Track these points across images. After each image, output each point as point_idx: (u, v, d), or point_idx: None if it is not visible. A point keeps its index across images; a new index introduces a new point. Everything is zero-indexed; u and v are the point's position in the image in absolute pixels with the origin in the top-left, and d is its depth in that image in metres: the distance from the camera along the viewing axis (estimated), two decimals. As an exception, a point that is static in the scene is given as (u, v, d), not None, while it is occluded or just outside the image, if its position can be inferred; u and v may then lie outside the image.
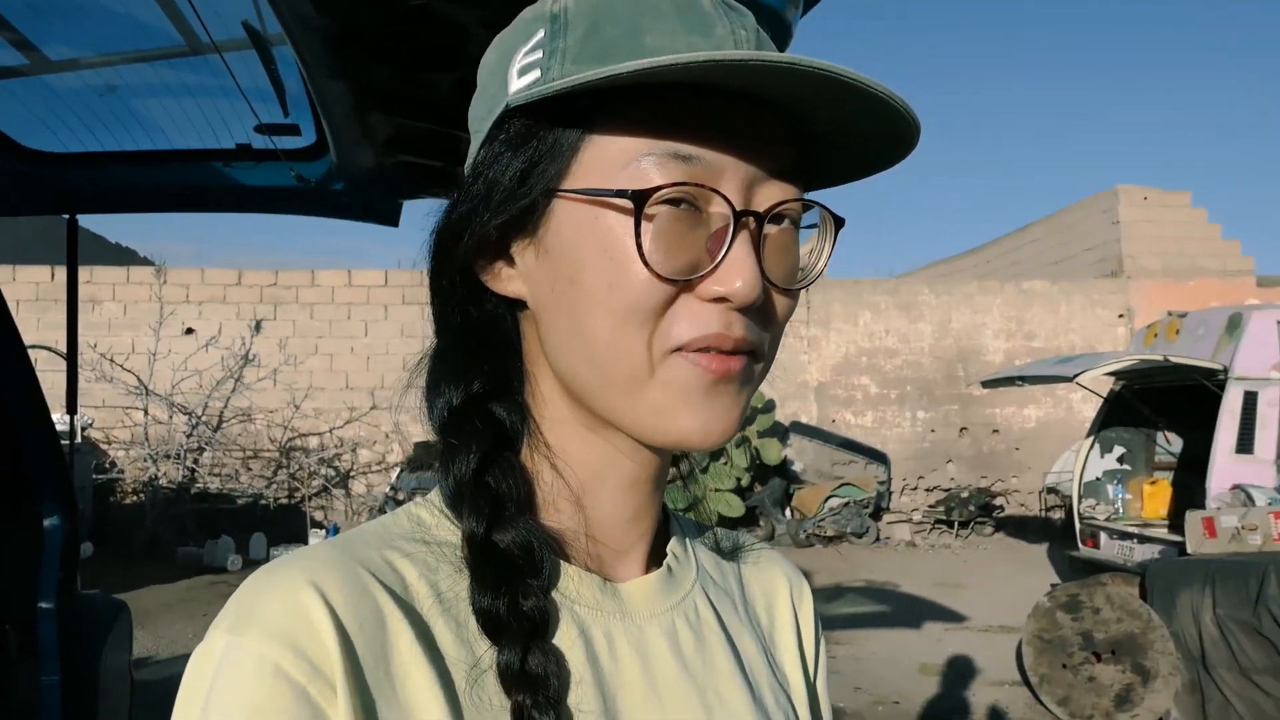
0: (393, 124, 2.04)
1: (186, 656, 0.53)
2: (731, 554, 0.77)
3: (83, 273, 13.11)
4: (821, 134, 0.59)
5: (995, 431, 14.95)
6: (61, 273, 13.04)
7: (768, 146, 0.57)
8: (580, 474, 0.63)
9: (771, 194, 0.57)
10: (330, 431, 13.59)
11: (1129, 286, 15.28)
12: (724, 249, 0.55)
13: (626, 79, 0.51)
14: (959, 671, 6.85)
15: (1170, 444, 9.54)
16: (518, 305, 0.63)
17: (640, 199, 0.54)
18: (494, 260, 0.62)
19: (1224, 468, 7.52)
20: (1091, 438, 9.55)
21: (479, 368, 0.63)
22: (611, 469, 0.64)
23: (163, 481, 12.39)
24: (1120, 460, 9.51)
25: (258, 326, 13.23)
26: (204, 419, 12.79)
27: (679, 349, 0.56)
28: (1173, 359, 7.93)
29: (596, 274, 0.56)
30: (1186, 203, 16.46)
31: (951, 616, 8.57)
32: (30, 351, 2.51)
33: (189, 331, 13.35)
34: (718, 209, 0.56)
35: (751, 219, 0.56)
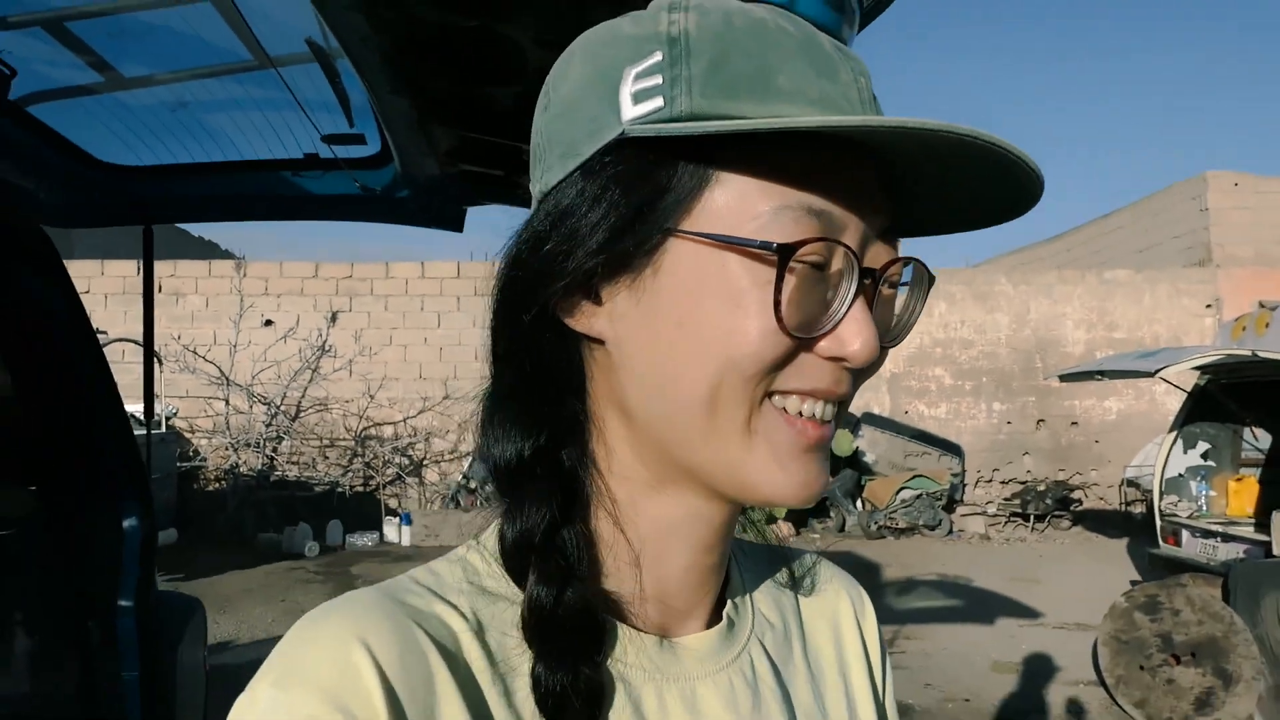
0: (454, 135, 2.07)
1: (266, 641, 0.51)
2: (793, 585, 0.75)
3: (166, 266, 13.54)
4: (920, 186, 0.57)
5: (1074, 424, 14.59)
6: (148, 266, 13.45)
7: (877, 201, 0.56)
8: (645, 532, 0.60)
9: (882, 252, 0.56)
10: (404, 421, 13.82)
11: (1218, 275, 14.77)
12: (845, 308, 0.54)
13: (771, 129, 0.50)
14: (1033, 669, 6.72)
15: (1258, 440, 9.21)
16: (590, 343, 0.59)
17: (787, 253, 0.51)
18: (576, 295, 0.57)
19: (1315, 466, 7.24)
20: (1175, 433, 9.27)
21: (549, 414, 0.59)
22: (681, 530, 0.61)
23: (243, 469, 12.74)
24: (1204, 456, 9.21)
25: (334, 318, 13.52)
26: (282, 408, 13.11)
27: (778, 393, 0.55)
28: (1262, 354, 7.64)
29: (714, 319, 0.53)
30: (1280, 188, 15.84)
31: (1026, 613, 8.41)
32: (117, 344, 2.60)
33: (268, 323, 13.68)
34: (839, 266, 0.54)
35: (869, 277, 0.55)
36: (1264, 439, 9.14)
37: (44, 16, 1.74)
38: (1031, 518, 13.52)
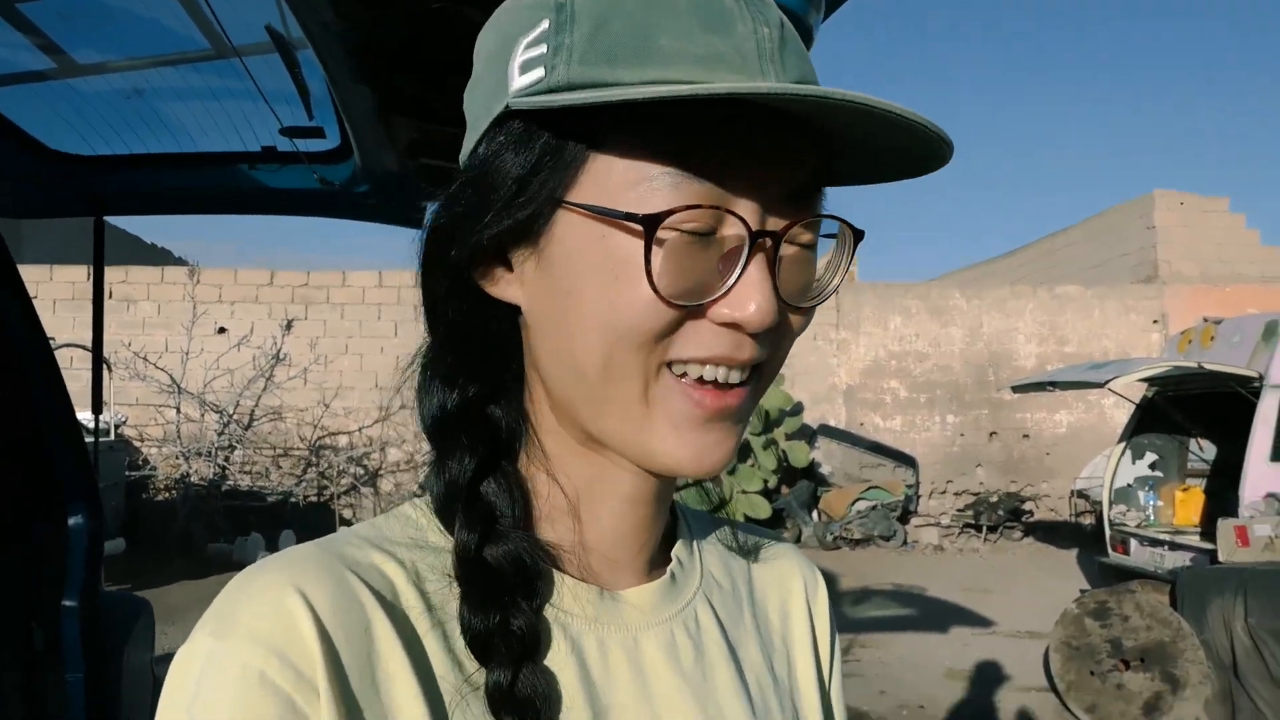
0: (416, 127, 2.05)
1: None
2: (746, 553, 0.74)
3: (117, 273, 13.31)
4: (845, 143, 0.56)
5: (1025, 436, 14.80)
6: (97, 272, 13.22)
7: (788, 158, 0.54)
8: (578, 485, 0.61)
9: (789, 212, 0.54)
10: (360, 430, 13.67)
11: (1164, 292, 15.08)
12: (737, 272, 0.52)
13: (635, 99, 0.48)
14: (985, 677, 6.79)
15: (1203, 451, 9.40)
16: (517, 310, 0.60)
17: (652, 224, 0.51)
18: (491, 264, 0.59)
19: (1258, 475, 7.41)
20: (1123, 444, 9.44)
21: (473, 370, 0.60)
22: (609, 485, 0.61)
23: (194, 479, 12.52)
24: (1152, 467, 9.39)
25: (289, 326, 13.34)
26: (235, 417, 12.91)
27: (677, 362, 0.54)
28: (1207, 366, 7.82)
29: (597, 291, 0.53)
30: (1225, 208, 16.24)
31: (979, 621, 8.50)
32: (65, 350, 2.55)
33: (221, 331, 13.49)
34: (732, 230, 0.53)
35: (768, 239, 0.53)
36: (1209, 450, 9.34)
37: (-7, -3, 1.70)
38: (984, 528, 13.68)
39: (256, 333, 13.22)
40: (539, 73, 0.53)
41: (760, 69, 0.53)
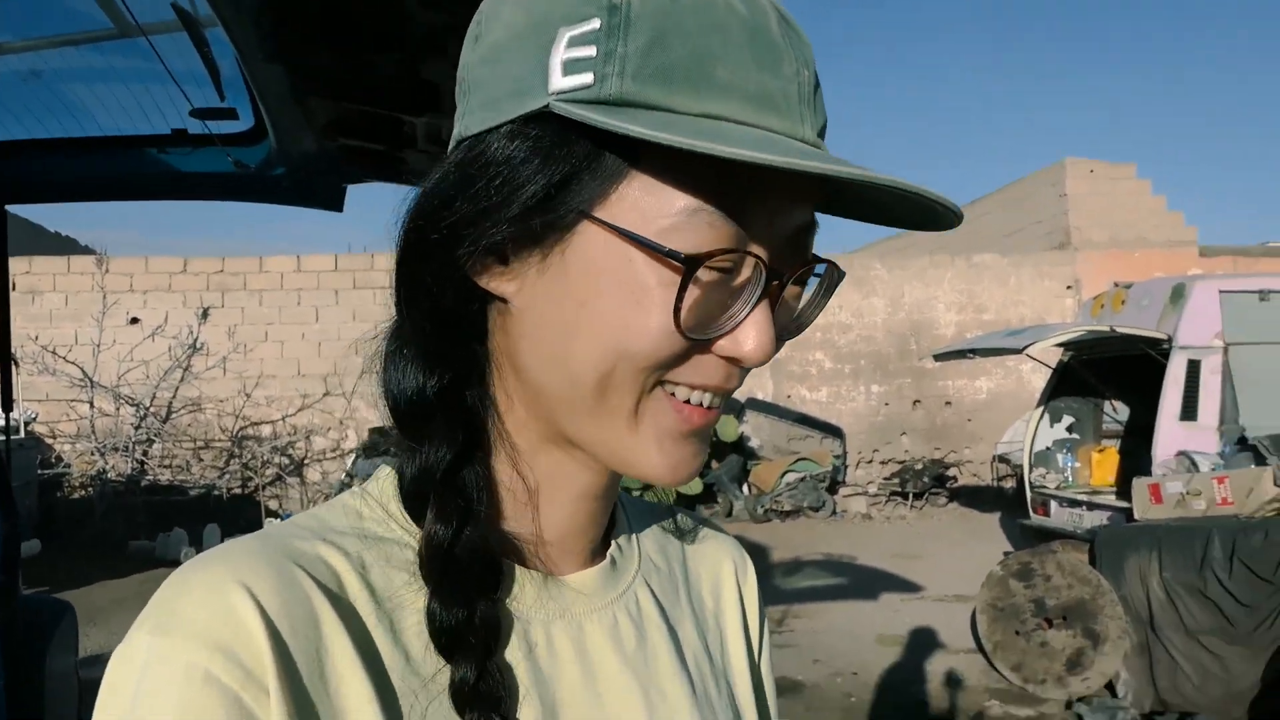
0: (333, 107, 2.00)
1: None
2: (679, 535, 0.76)
3: (21, 263, 12.80)
4: (855, 196, 0.57)
5: (948, 404, 15.13)
6: (-1, 263, 12.72)
7: (798, 200, 0.55)
8: (539, 478, 0.61)
9: (793, 251, 0.56)
10: (283, 419, 13.43)
11: (1076, 258, 15.51)
12: (746, 310, 0.53)
13: (703, 152, 0.46)
14: (916, 641, 6.95)
15: (1117, 412, 9.72)
16: (493, 296, 0.58)
17: (694, 264, 0.50)
18: (485, 255, 0.56)
19: (1169, 435, 7.67)
20: (1041, 408, 9.70)
21: (450, 355, 0.58)
22: (568, 479, 0.61)
23: (111, 475, 12.16)
24: (1069, 429, 9.68)
25: (205, 314, 13.02)
26: (152, 410, 12.57)
27: (669, 381, 0.55)
28: (1119, 330, 8.06)
29: (614, 309, 0.52)
30: (1132, 175, 16.71)
31: (908, 587, 8.68)
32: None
33: (134, 321, 13.10)
34: (747, 274, 0.54)
35: (775, 280, 0.54)
36: (1123, 411, 9.66)
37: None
38: (910, 496, 13.98)
39: (171, 322, 12.86)
40: (587, 78, 0.51)
41: (800, 114, 0.53)
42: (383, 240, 0.59)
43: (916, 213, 0.55)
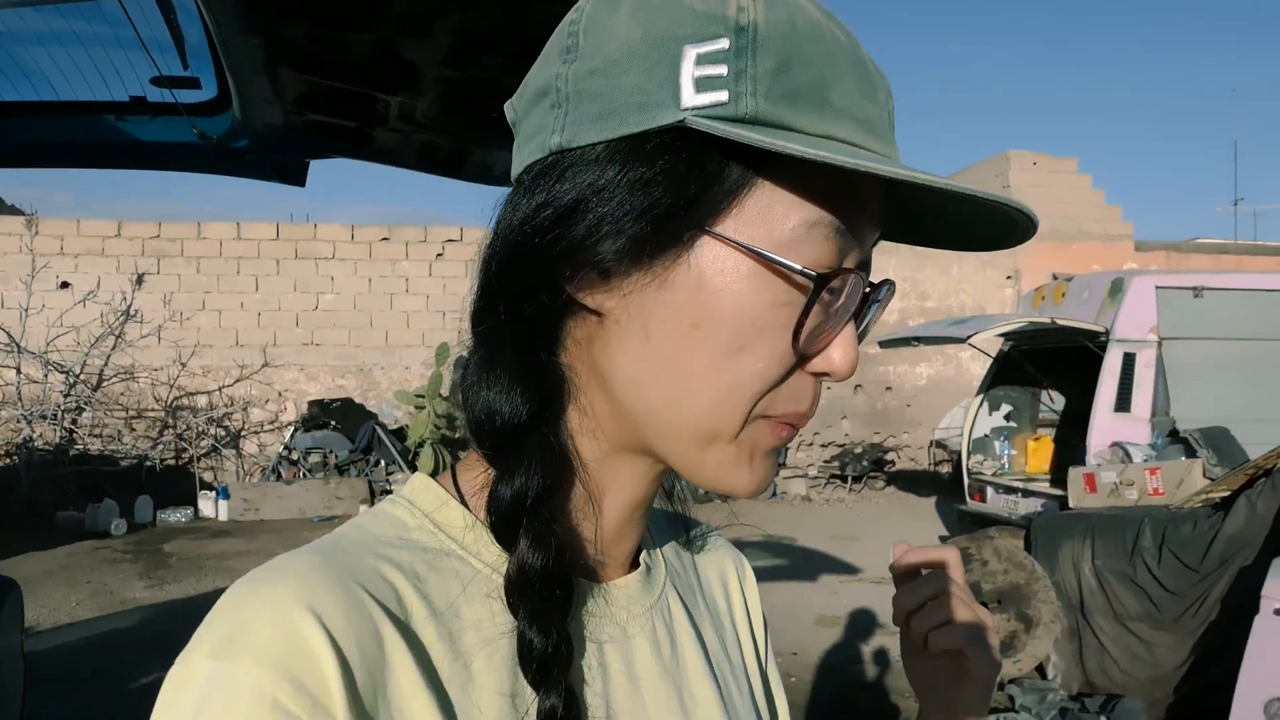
0: (304, 81, 1.95)
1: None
2: (687, 541, 0.77)
3: (-54, 222, 12.36)
4: (922, 211, 0.58)
5: (888, 389, 15.35)
6: (-78, 222, 12.27)
7: (878, 217, 0.56)
8: (601, 489, 0.61)
9: (867, 265, 0.57)
10: (220, 390, 13.17)
11: (1017, 249, 15.79)
12: (840, 326, 0.54)
13: (869, 170, 0.48)
14: (855, 622, 7.06)
15: (1054, 402, 9.93)
16: (581, 308, 0.56)
17: (822, 282, 0.51)
18: (584, 266, 0.54)
19: (1104, 426, 7.87)
20: (980, 395, 9.88)
21: (542, 378, 0.56)
22: (623, 489, 0.61)
23: (38, 443, 11.84)
24: (1007, 418, 9.88)
25: (140, 280, 12.70)
26: (82, 378, 12.25)
27: (769, 417, 0.55)
28: (1059, 321, 8.23)
29: (731, 331, 0.52)
30: (1073, 169, 17.03)
31: (846, 569, 8.81)
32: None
33: (64, 285, 12.74)
34: (850, 292, 0.54)
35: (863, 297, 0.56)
36: (1059, 401, 9.88)
37: None
38: (849, 479, 14.18)
39: (104, 288, 12.54)
40: (722, 95, 0.50)
41: (890, 138, 0.55)
42: (325, 210, 0.56)
43: (994, 227, 0.56)
